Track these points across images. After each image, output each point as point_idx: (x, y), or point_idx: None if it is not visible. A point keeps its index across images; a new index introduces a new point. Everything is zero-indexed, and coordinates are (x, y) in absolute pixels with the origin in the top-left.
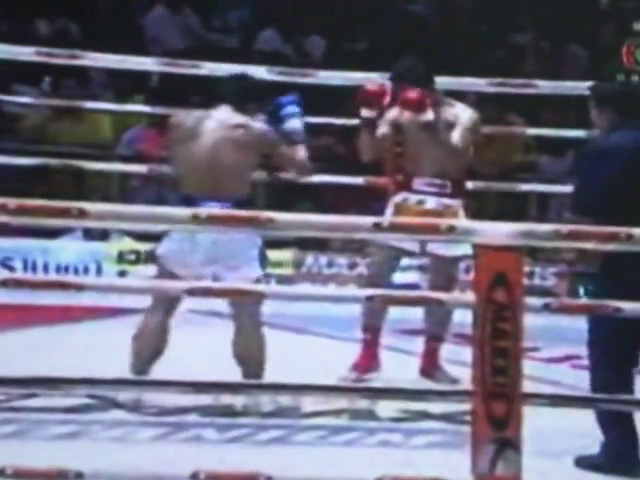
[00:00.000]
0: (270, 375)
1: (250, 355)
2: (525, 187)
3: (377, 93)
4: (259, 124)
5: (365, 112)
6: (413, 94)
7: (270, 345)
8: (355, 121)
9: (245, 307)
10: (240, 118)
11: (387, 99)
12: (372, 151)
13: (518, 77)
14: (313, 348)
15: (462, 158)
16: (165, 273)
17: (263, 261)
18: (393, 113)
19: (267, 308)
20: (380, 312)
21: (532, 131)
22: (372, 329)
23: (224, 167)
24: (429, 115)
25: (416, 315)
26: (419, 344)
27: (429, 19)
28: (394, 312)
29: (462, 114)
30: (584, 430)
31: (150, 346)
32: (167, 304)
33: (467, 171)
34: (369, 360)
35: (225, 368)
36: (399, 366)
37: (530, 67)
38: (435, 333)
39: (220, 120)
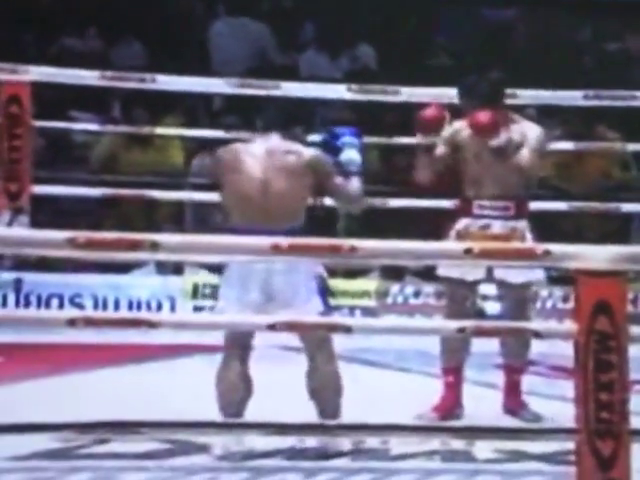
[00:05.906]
0: (356, 414)
1: (325, 391)
2: (627, 207)
3: (436, 118)
4: (311, 150)
5: (422, 138)
6: (484, 117)
7: (356, 383)
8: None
9: (317, 341)
10: (290, 144)
11: (446, 123)
12: (427, 171)
13: (618, 87)
14: (402, 385)
15: (530, 178)
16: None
17: (325, 293)
18: (451, 131)
19: (351, 342)
20: (461, 350)
21: (631, 147)
22: (453, 370)
23: (276, 196)
24: (502, 139)
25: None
26: (495, 376)
27: (515, 26)
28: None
29: (529, 132)
30: None
31: (236, 395)
32: (241, 350)
33: (529, 190)
34: (450, 403)
35: (306, 407)
36: (477, 401)
37: (635, 76)
38: (514, 365)
39: (269, 147)
